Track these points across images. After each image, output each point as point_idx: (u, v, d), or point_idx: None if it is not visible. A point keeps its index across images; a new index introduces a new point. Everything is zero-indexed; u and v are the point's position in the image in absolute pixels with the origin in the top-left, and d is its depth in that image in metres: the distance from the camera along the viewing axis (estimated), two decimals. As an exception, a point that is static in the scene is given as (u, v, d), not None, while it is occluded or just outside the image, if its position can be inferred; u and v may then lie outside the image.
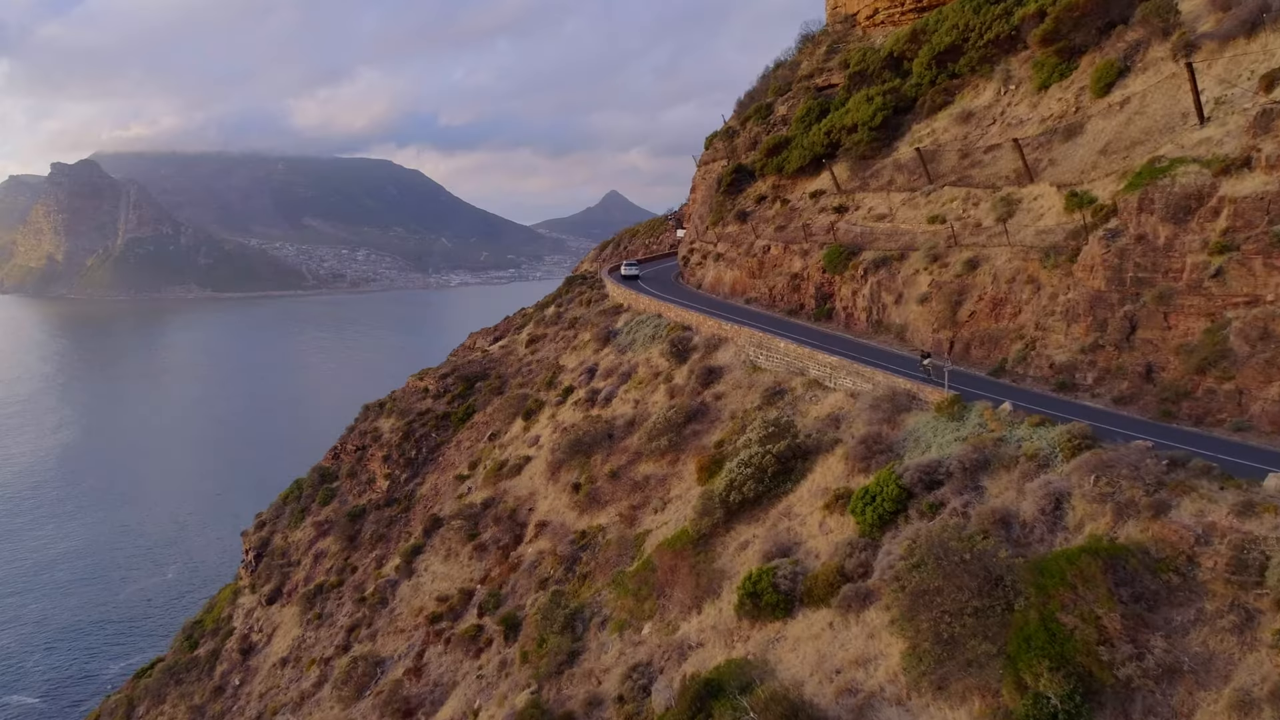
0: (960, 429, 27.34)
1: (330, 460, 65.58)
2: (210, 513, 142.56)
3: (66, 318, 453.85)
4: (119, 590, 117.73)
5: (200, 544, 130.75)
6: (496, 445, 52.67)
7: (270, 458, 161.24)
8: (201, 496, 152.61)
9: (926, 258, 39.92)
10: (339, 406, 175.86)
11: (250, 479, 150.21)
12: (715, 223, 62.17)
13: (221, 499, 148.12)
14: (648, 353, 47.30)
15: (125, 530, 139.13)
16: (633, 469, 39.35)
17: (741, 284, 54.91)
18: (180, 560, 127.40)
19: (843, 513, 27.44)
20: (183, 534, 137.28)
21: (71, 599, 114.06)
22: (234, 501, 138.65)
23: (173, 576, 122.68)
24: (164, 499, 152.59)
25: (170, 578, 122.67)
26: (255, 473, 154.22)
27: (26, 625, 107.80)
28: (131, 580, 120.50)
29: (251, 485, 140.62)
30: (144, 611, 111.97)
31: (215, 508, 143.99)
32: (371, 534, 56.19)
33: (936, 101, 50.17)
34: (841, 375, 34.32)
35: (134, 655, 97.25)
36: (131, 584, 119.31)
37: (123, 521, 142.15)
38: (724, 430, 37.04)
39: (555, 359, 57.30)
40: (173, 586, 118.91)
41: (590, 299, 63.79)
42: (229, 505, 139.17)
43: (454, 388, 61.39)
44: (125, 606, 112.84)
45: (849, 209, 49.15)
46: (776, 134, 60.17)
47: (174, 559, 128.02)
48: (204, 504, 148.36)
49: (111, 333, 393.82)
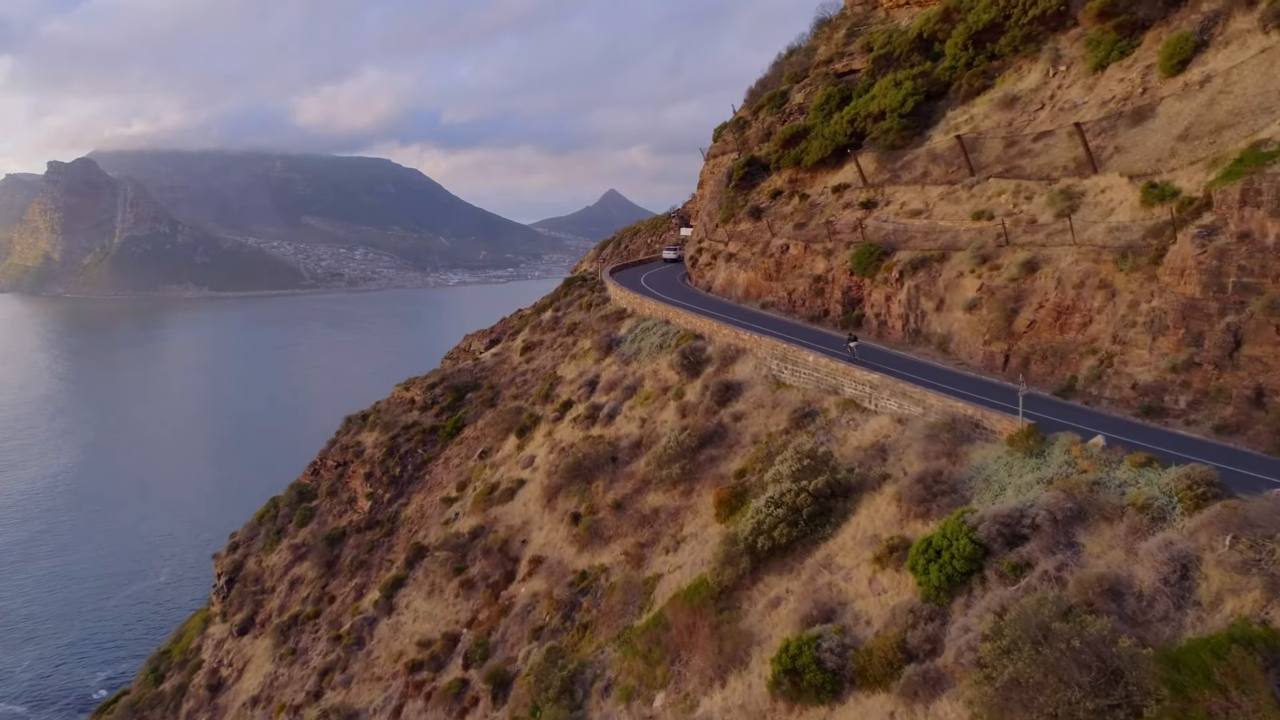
0: (1042, 468, 22.52)
1: (309, 477, 60.75)
2: (205, 515, 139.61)
3: (58, 316, 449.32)
4: (111, 595, 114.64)
5: (194, 547, 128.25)
6: (487, 465, 47.85)
7: (266, 460, 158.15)
8: (197, 498, 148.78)
9: (974, 258, 35.10)
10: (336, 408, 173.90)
11: (245, 481, 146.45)
12: (726, 220, 57.36)
13: (216, 501, 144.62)
14: (655, 364, 42.48)
15: (120, 533, 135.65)
16: (640, 499, 34.54)
17: (756, 287, 50.09)
18: (173, 564, 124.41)
19: (898, 568, 22.63)
20: (176, 537, 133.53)
21: (62, 604, 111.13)
22: (228, 503, 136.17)
23: (165, 580, 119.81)
24: (159, 501, 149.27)
25: (163, 580, 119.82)
26: (250, 474, 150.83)
27: (15, 631, 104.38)
28: (123, 585, 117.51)
29: (246, 487, 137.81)
30: (137, 615, 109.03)
31: (210, 510, 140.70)
32: (351, 560, 51.39)
33: (974, 85, 45.35)
34: (884, 395, 29.50)
35: (123, 662, 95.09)
36: (123, 589, 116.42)
37: (118, 524, 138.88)
38: (745, 457, 32.23)
39: (552, 369, 52.50)
40: (164, 590, 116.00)
41: (590, 302, 58.92)
42: (223, 507, 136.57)
43: (443, 399, 56.57)
44: (117, 611, 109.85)
45: (878, 204, 44.34)
46: (793, 123, 55.37)
47: (167, 562, 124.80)
48: (199, 506, 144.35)
49: (105, 332, 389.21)
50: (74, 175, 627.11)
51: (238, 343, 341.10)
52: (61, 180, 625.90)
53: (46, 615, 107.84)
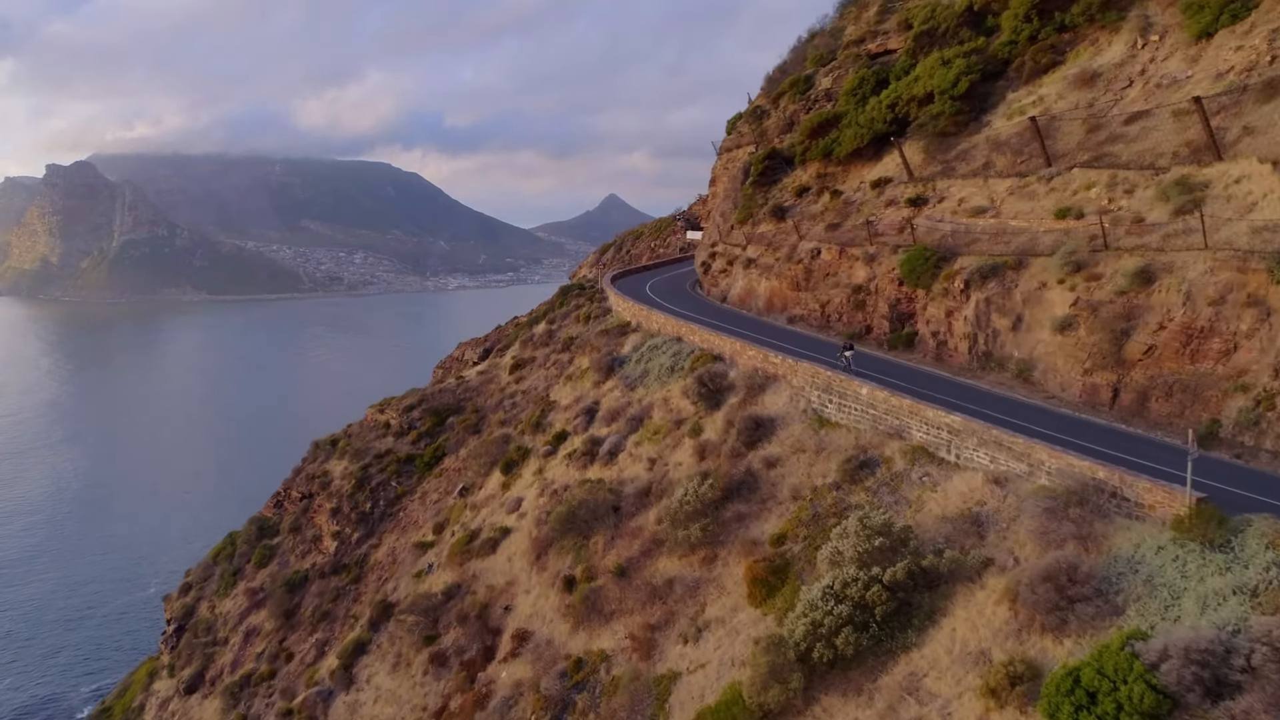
0: (1235, 568, 15.70)
1: (272, 509, 53.91)
2: (194, 525, 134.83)
3: (55, 320, 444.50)
4: (99, 607, 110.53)
5: (183, 558, 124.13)
6: (468, 505, 41.00)
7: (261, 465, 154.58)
8: (190, 507, 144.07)
9: (1063, 266, 28.30)
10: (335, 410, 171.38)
11: (238, 488, 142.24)
12: (743, 220, 50.60)
13: (207, 510, 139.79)
14: (666, 390, 35.67)
15: (109, 543, 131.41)
16: (649, 564, 27.73)
17: (782, 297, 43.29)
18: (162, 575, 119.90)
19: (1024, 708, 15.82)
20: (165, 548, 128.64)
21: (48, 615, 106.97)
22: (220, 513, 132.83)
23: (154, 592, 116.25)
24: (150, 509, 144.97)
25: (152, 592, 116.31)
26: (244, 481, 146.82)
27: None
28: (111, 597, 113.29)
29: (238, 495, 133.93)
30: (124, 627, 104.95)
31: (200, 519, 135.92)
32: (313, 610, 44.55)
33: (1040, 62, 38.60)
34: (970, 445, 22.67)
35: (107, 676, 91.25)
36: (110, 601, 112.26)
37: (108, 533, 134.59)
38: (784, 518, 25.43)
39: (545, 391, 45.67)
40: (151, 603, 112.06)
41: (589, 314, 51.98)
42: (215, 517, 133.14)
43: (420, 423, 49.79)
44: (103, 624, 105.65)
45: (929, 200, 37.57)
46: (821, 111, 48.62)
47: (155, 574, 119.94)
48: (192, 514, 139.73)
49: (102, 335, 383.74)
50: (72, 178, 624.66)
51: (236, 347, 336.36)
52: (60, 183, 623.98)
53: (32, 628, 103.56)
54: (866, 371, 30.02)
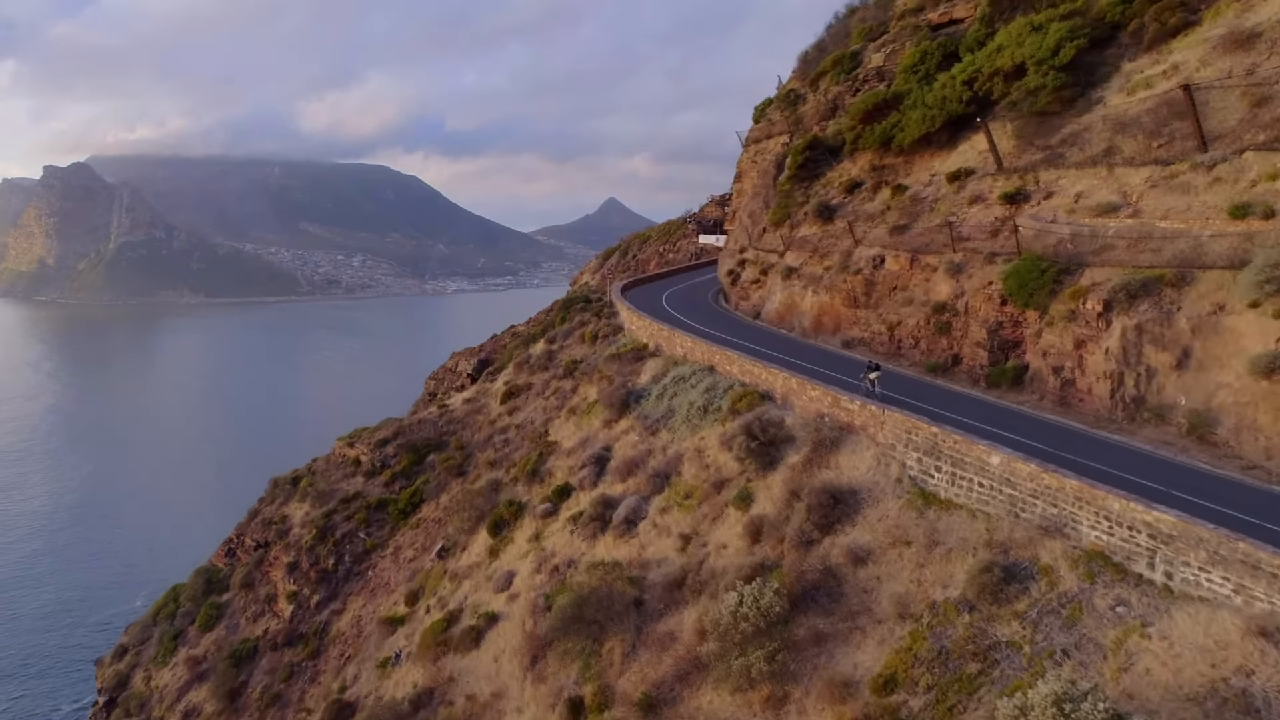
0: None
1: (223, 558, 45.93)
2: (185, 533, 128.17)
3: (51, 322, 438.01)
4: (84, 619, 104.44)
5: (172, 568, 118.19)
6: (448, 572, 33.09)
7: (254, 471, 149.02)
8: (179, 514, 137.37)
9: (1258, 283, 20.47)
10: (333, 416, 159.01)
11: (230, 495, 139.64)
12: (779, 222, 42.82)
13: (199, 516, 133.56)
14: (699, 437, 27.79)
15: (99, 553, 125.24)
16: (689, 696, 19.88)
17: (834, 315, 35.43)
18: (150, 586, 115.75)
19: None
20: (154, 557, 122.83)
21: (32, 628, 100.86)
22: (211, 519, 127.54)
23: (141, 604, 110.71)
24: (141, 516, 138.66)
25: (139, 605, 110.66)
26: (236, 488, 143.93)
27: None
28: (96, 610, 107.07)
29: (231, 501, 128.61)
30: (109, 639, 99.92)
31: (191, 526, 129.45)
32: (262, 690, 36.66)
33: (1166, 23, 30.79)
34: (1195, 561, 14.77)
35: (91, 693, 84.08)
36: (96, 613, 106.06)
37: (98, 541, 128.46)
38: (889, 647, 17.56)
39: (543, 427, 37.74)
40: (138, 615, 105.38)
41: (596, 333, 43.90)
42: (205, 523, 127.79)
43: (395, 461, 41.92)
44: (88, 636, 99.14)
45: (1031, 195, 29.72)
46: (874, 92, 40.83)
47: (144, 585, 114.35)
48: (181, 522, 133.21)
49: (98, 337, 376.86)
50: (69, 180, 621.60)
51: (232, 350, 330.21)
52: (57, 185, 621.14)
53: (12, 643, 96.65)
54: (948, 414, 22.26)
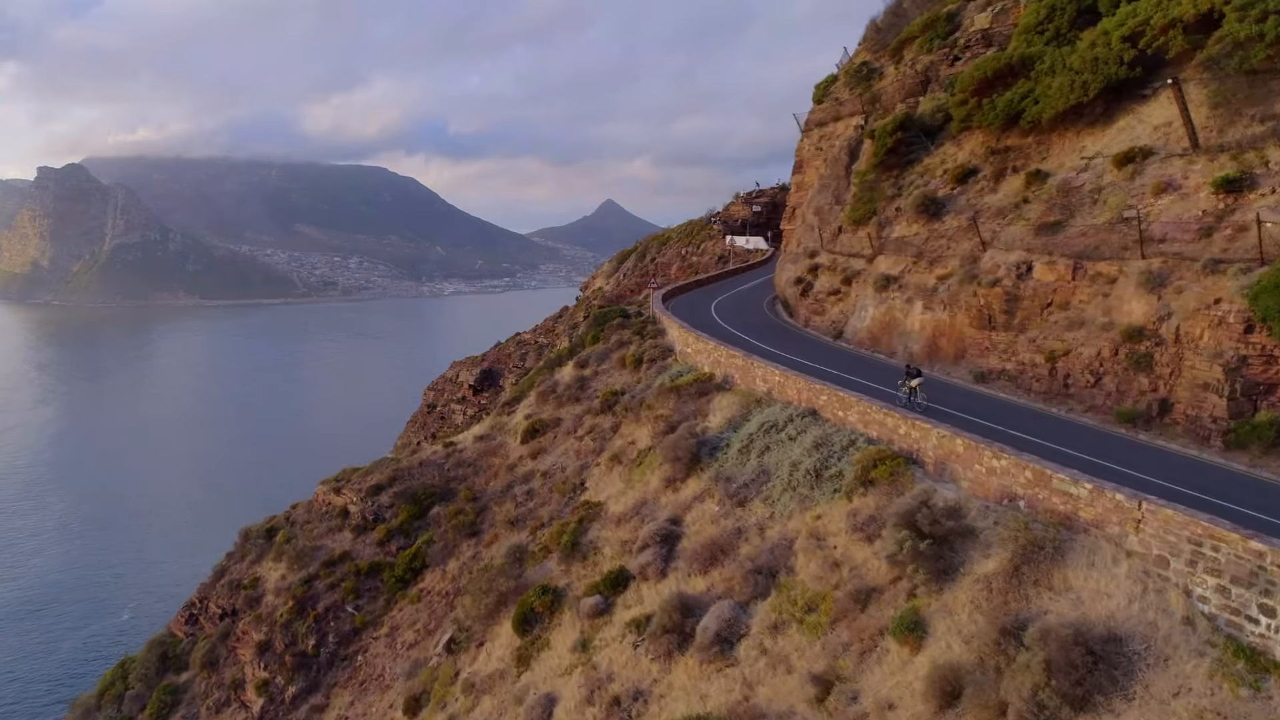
0: None
1: (183, 625, 37.55)
2: (173, 544, 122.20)
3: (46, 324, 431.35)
4: (68, 635, 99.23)
5: (160, 581, 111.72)
6: (459, 674, 25.02)
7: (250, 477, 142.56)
8: (169, 523, 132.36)
9: None
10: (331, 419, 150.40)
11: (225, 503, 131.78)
12: (862, 219, 34.85)
13: (190, 526, 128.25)
14: (812, 516, 19.73)
15: (87, 564, 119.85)
16: None
17: (956, 338, 27.48)
18: (139, 599, 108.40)
19: None
20: (143, 568, 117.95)
21: (15, 643, 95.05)
22: (203, 529, 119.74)
23: (128, 618, 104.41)
24: (131, 526, 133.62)
25: (126, 619, 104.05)
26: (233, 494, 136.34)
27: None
28: (81, 624, 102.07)
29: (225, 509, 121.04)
30: (95, 654, 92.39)
31: (181, 537, 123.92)
32: (221, 816, 28.56)
33: None
34: None
35: None
36: (82, 628, 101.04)
37: (87, 551, 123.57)
38: None
39: (578, 476, 29.70)
40: (125, 630, 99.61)
41: (641, 355, 35.15)
42: (196, 534, 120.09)
43: (391, 514, 33.75)
44: (73, 651, 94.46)
45: (1259, 181, 21.80)
46: (990, 57, 32.87)
47: (131, 599, 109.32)
48: (171, 532, 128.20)
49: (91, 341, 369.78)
50: (64, 181, 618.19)
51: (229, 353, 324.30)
52: (51, 186, 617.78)
53: None
54: (1202, 496, 14.39)
